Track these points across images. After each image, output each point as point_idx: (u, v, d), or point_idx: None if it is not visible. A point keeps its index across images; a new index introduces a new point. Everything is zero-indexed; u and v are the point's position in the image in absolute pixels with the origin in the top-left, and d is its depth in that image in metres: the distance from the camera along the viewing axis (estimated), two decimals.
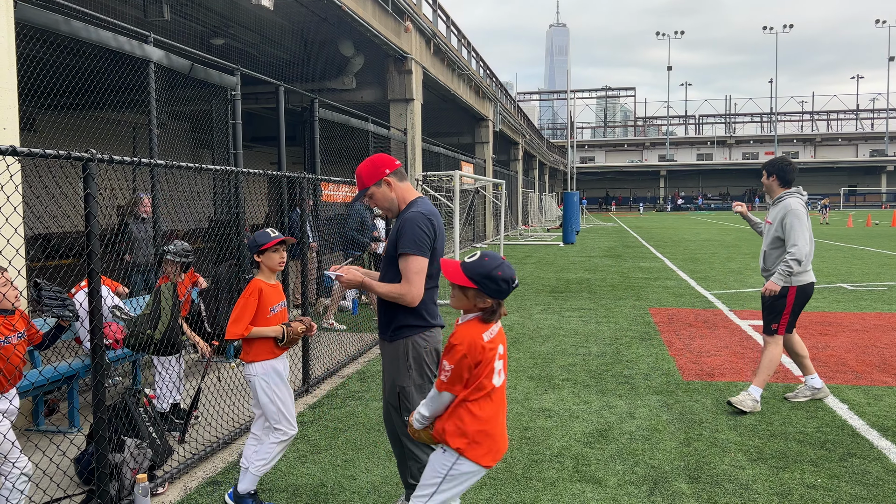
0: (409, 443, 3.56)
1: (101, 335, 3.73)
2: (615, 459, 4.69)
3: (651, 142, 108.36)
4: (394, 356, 3.55)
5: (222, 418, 5.50)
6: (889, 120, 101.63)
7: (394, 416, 3.61)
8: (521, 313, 10.57)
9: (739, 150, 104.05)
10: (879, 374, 6.76)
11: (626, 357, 7.62)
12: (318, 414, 5.80)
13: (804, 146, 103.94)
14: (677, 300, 11.73)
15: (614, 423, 5.43)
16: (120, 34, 7.00)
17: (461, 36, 24.95)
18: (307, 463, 4.73)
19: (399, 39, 16.47)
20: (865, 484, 4.22)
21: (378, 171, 3.59)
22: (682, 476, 4.39)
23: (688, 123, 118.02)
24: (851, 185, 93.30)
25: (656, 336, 8.72)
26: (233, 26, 14.29)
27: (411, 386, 3.51)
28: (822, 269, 16.25)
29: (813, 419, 5.44)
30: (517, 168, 40.30)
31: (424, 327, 3.52)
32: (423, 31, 18.26)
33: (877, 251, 21.22)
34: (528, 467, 4.58)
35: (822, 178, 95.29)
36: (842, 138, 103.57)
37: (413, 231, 3.42)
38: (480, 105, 27.73)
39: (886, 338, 8.38)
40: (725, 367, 7.09)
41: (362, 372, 7.19)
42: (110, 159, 3.79)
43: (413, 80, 17.55)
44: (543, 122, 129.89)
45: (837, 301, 11.33)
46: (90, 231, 3.66)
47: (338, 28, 15.72)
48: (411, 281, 3.42)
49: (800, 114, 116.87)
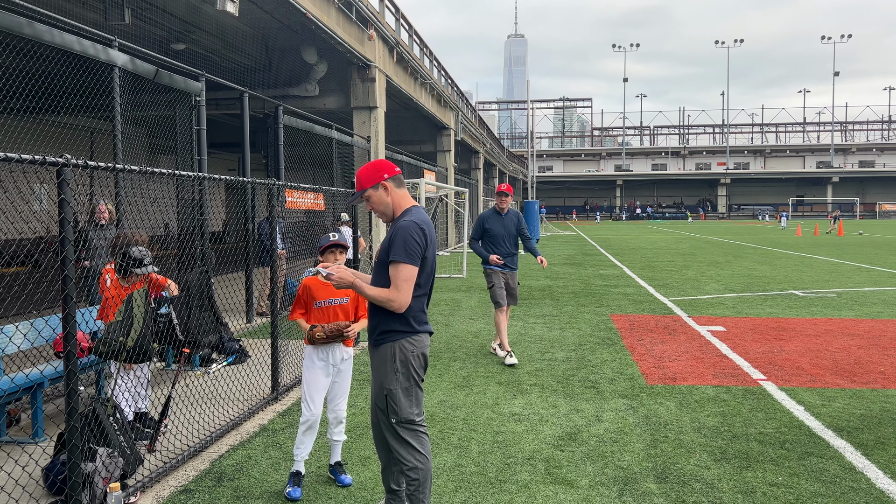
0: (398, 447, 3.59)
1: (74, 342, 3.68)
2: (585, 461, 4.80)
3: (608, 152, 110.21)
4: (381, 360, 3.59)
5: (192, 427, 5.45)
6: (834, 133, 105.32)
7: (381, 419, 3.64)
8: (486, 320, 10.68)
9: (693, 160, 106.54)
10: (832, 376, 7.03)
11: (590, 362, 7.77)
12: (290, 421, 5.79)
13: (754, 157, 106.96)
14: (637, 307, 11.98)
15: (583, 427, 5.55)
16: (84, 38, 6.91)
17: (423, 45, 25.09)
18: (280, 469, 4.73)
19: (363, 47, 16.51)
20: (823, 481, 4.41)
21: (377, 175, 3.64)
22: (651, 476, 4.52)
23: (643, 134, 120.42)
24: (799, 195, 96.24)
25: (619, 342, 8.90)
26: (195, 31, 14.14)
27: (398, 389, 3.56)
28: (775, 276, 16.77)
29: (772, 420, 5.65)
30: (478, 177, 40.58)
31: (411, 332, 3.57)
32: (387, 39, 18.34)
33: (825, 259, 21.97)
34: (500, 470, 4.65)
35: (771, 188, 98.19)
36: (790, 150, 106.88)
37: (405, 239, 3.48)
38: (442, 114, 27.89)
39: (837, 342, 8.71)
40: (687, 372, 7.29)
41: None
42: (85, 165, 3.75)
43: (377, 88, 17.60)
44: (502, 132, 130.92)
45: (790, 307, 11.71)
46: (64, 237, 3.62)
47: (301, 35, 15.69)
48: (400, 288, 3.47)
49: (750, 126, 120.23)
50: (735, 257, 23.15)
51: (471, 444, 5.19)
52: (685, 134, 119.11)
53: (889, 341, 8.76)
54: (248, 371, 7.19)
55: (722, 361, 7.76)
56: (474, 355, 8.21)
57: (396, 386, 3.56)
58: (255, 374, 6.92)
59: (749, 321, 10.37)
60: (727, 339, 9.02)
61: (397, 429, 3.58)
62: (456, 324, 10.41)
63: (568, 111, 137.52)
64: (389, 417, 3.59)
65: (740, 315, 10.96)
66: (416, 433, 3.60)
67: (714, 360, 7.84)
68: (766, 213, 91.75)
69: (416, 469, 3.57)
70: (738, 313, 11.17)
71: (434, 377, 7.18)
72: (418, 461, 3.57)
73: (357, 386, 6.92)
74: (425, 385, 6.86)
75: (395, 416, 3.57)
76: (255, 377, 6.85)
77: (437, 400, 6.34)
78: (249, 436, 5.42)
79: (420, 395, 3.64)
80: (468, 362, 7.84)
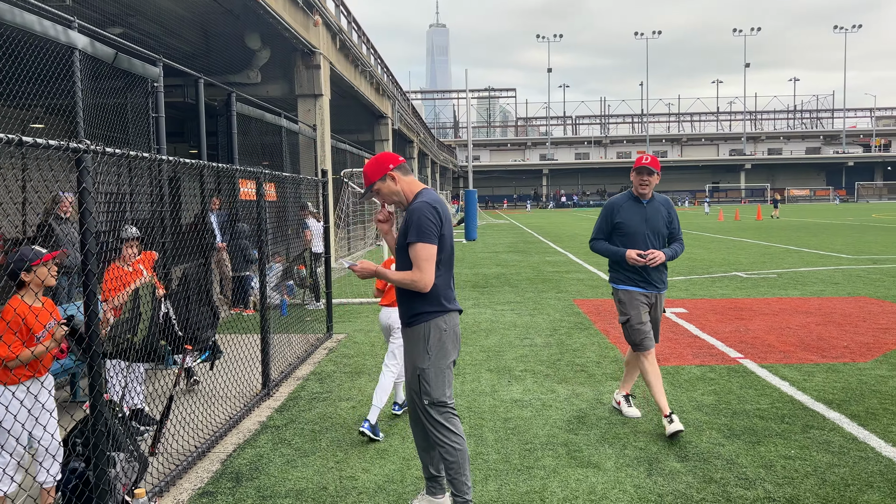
0: (433, 430, 3.56)
1: (98, 340, 3.44)
2: (603, 444, 4.85)
3: (533, 142, 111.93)
4: (414, 340, 3.62)
5: (189, 427, 5.20)
6: (746, 122, 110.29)
7: (415, 401, 3.63)
8: None
9: (614, 149, 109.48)
10: (803, 352, 7.35)
11: (571, 347, 7.87)
12: (289, 417, 5.61)
13: (672, 146, 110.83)
14: (595, 291, 12.21)
15: (587, 410, 5.61)
16: (45, 18, 6.46)
17: (361, 32, 24.73)
18: (298, 466, 4.58)
19: (308, 33, 16.12)
20: (833, 452, 4.60)
21: (382, 168, 3.70)
22: (672, 456, 4.61)
23: (566, 124, 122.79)
24: (715, 181, 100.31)
25: (591, 326, 9.05)
26: (134, 15, 13.46)
27: (430, 368, 3.57)
28: (714, 259, 17.43)
29: (764, 396, 5.86)
30: (413, 166, 40.42)
31: (442, 311, 3.60)
32: (330, 25, 17.97)
33: (754, 242, 22.98)
34: (523, 457, 4.65)
35: (688, 175, 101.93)
36: (705, 138, 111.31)
37: (420, 220, 3.52)
38: (380, 102, 27.61)
39: (795, 320, 9.12)
40: (667, 353, 7.48)
41: (317, 373, 7.01)
42: (103, 151, 3.50)
43: (322, 76, 17.23)
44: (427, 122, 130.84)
45: (739, 288, 12.19)
46: (86, 229, 3.37)
47: (244, 20, 15.17)
48: (422, 268, 3.51)
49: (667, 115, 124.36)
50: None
51: (484, 431, 5.16)
52: (606, 123, 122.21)
53: (841, 317, 9.23)
54: (231, 367, 6.93)
55: (696, 342, 8.00)
56: None
57: (428, 365, 3.58)
58: (239, 371, 6.67)
59: (706, 302, 10.73)
60: (692, 320, 9.31)
61: (430, 410, 3.59)
62: None
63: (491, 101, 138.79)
64: (422, 399, 3.58)
65: (695, 297, 11.33)
66: (448, 415, 3.62)
67: (688, 340, 8.07)
68: (686, 200, 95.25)
69: (452, 451, 3.57)
70: (692, 295, 11.54)
71: None
72: (454, 442, 3.58)
73: (346, 378, 6.78)
74: None
75: (427, 396, 3.58)
76: (240, 373, 6.60)
77: None
78: (252, 434, 5.23)
79: (450, 377, 3.67)
80: None
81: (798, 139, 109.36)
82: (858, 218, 41.06)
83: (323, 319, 9.03)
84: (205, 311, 5.06)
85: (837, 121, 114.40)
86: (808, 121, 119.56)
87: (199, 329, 4.89)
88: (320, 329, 8.81)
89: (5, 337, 3.47)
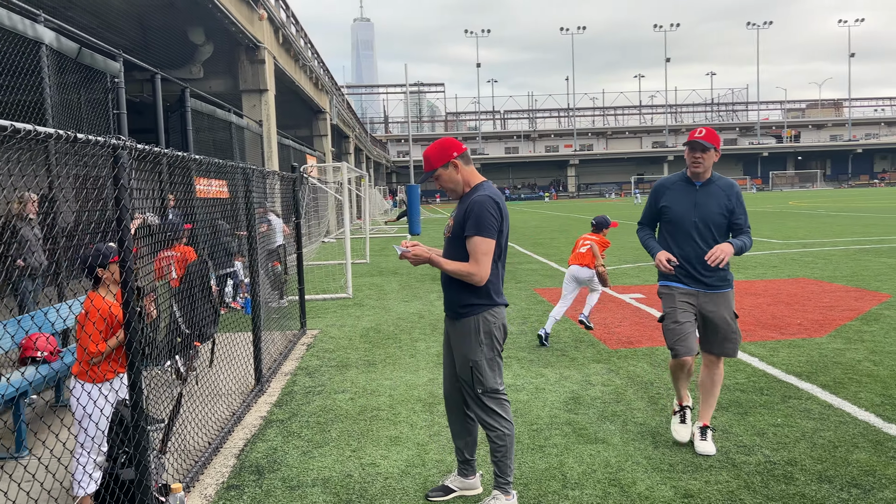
0: (484, 416, 3.68)
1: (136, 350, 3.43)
2: (604, 421, 5.10)
3: (463, 136, 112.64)
4: (465, 333, 3.66)
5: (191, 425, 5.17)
6: (667, 115, 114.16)
7: (467, 391, 3.72)
8: (421, 301, 10.78)
9: (542, 143, 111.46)
10: (763, 331, 7.83)
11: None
12: (290, 411, 5.64)
13: (598, 139, 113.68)
14: (553, 280, 12.56)
15: (580, 391, 5.85)
16: (13, 12, 6.24)
17: (299, 26, 24.44)
18: (315, 457, 4.63)
19: (253, 27, 15.88)
20: (814, 418, 4.98)
21: (446, 154, 3.70)
22: (671, 430, 4.89)
23: (495, 119, 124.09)
24: (639, 173, 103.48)
25: None
26: (72, 8, 12.96)
27: (483, 360, 3.65)
28: None
29: (739, 372, 6.24)
30: (350, 161, 40.16)
31: (492, 305, 3.67)
32: (273, 19, 17.73)
33: None
34: (533, 437, 4.84)
35: (615, 167, 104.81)
36: (629, 131, 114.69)
37: (481, 214, 3.56)
38: (319, 97, 27.35)
39: (746, 301, 9.67)
40: (639, 335, 7.83)
41: (303, 368, 7.03)
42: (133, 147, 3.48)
43: (266, 70, 17.00)
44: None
45: None
46: (124, 226, 3.35)
47: (188, 14, 14.81)
48: (480, 262, 3.56)
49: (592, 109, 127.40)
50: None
51: None
52: (534, 118, 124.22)
53: (788, 297, 9.84)
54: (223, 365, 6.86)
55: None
56: (430, 334, 8.32)
57: (481, 357, 3.66)
58: (231, 368, 6.62)
59: None
60: (652, 304, 9.73)
61: (483, 398, 3.68)
62: (393, 307, 10.44)
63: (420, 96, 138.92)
64: (475, 388, 3.67)
65: (648, 283, 11.81)
66: (500, 401, 3.72)
67: (654, 323, 8.45)
68: (612, 192, 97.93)
69: (503, 435, 3.69)
70: (645, 281, 12.03)
71: (407, 357, 7.23)
72: (505, 427, 3.70)
73: (336, 372, 6.83)
74: (407, 367, 6.90)
75: (480, 386, 3.67)
76: (232, 370, 6.55)
77: (426, 378, 6.41)
78: (258, 429, 5.24)
79: (501, 364, 3.76)
80: (431, 341, 7.94)
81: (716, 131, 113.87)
82: (777, 206, 43.26)
83: (291, 317, 9.01)
84: (207, 308, 5.03)
85: (752, 113, 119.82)
86: (724, 113, 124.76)
87: (205, 325, 4.87)
88: (294, 326, 8.79)
89: (92, 334, 3.43)
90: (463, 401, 3.87)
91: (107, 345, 3.49)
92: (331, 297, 11.53)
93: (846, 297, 9.72)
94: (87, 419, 3.49)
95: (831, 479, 4.00)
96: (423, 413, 5.44)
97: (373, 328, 8.89)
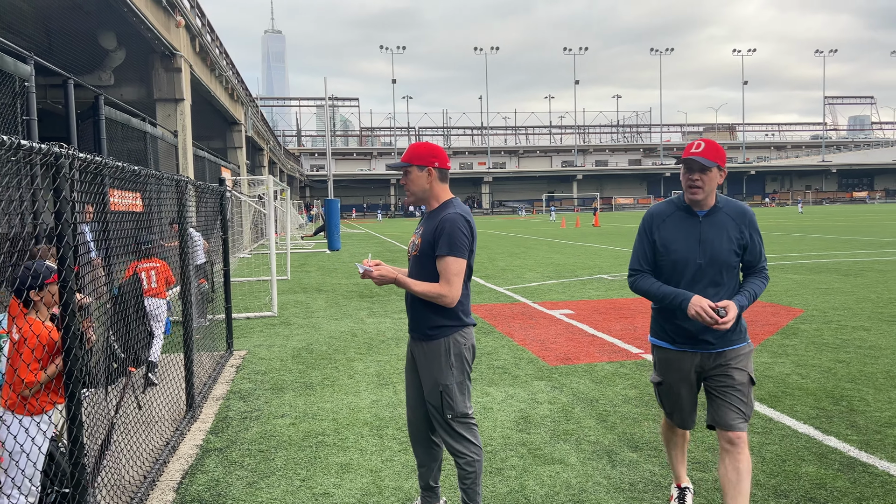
0: (453, 442, 3.53)
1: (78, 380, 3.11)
2: (558, 441, 5.05)
3: (378, 151, 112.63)
4: (434, 355, 3.52)
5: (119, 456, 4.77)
6: (576, 135, 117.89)
7: (435, 416, 3.56)
8: (351, 319, 10.52)
9: (456, 160, 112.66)
10: None
11: (484, 350, 8.05)
12: (228, 439, 5.30)
13: (510, 157, 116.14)
14: (482, 297, 12.56)
15: (528, 410, 5.80)
16: None
17: (214, 34, 23.72)
18: (263, 488, 4.36)
19: (170, 34, 15.24)
20: (759, 433, 5.09)
21: (428, 158, 3.58)
22: (625, 447, 4.89)
23: (410, 135, 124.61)
24: (550, 191, 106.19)
25: (494, 330, 9.32)
26: None
27: (454, 384, 3.51)
28: (575, 263, 18.48)
29: None
30: (263, 174, 39.20)
31: (462, 326, 3.55)
32: (191, 27, 17.10)
33: (602, 247, 24.63)
34: (489, 459, 4.73)
35: (526, 185, 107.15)
36: (540, 150, 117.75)
37: (454, 233, 3.44)
38: (234, 108, 26.58)
39: None
40: (575, 352, 7.88)
41: (235, 392, 6.67)
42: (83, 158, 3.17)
43: (183, 79, 16.34)
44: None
45: (610, 289, 13.06)
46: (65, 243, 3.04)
47: (98, 18, 14.07)
48: (451, 282, 3.43)
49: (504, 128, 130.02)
50: (527, 248, 25.05)
51: None
52: (448, 135, 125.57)
53: None
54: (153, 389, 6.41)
55: (595, 340, 8.49)
56: (366, 353, 8.10)
57: (452, 381, 3.53)
58: (162, 392, 6.18)
59: (588, 304, 11.39)
60: (583, 320, 9.86)
61: (453, 424, 3.55)
62: (323, 325, 10.13)
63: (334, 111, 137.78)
64: (445, 413, 3.53)
65: (574, 299, 11.99)
66: (469, 426, 3.59)
67: (587, 339, 8.55)
68: (523, 209, 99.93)
69: (472, 461, 3.56)
70: (570, 297, 12.21)
71: (345, 378, 6.99)
72: (474, 453, 3.57)
73: (271, 395, 6.51)
74: (347, 389, 6.67)
75: (451, 411, 3.53)
76: (164, 395, 6.12)
77: (369, 400, 6.20)
78: (195, 458, 4.89)
79: (470, 387, 3.63)
80: (369, 360, 7.72)
81: (622, 152, 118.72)
82: None
83: (216, 336, 8.57)
84: (141, 329, 4.67)
85: (655, 135, 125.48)
86: (629, 135, 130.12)
87: (140, 349, 4.51)
88: (220, 346, 8.36)
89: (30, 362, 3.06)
90: (429, 427, 3.72)
91: (44, 374, 3.14)
92: (255, 315, 11.09)
93: (763, 312, 10.16)
94: (21, 455, 3.12)
95: (786, 493, 4.08)
96: (371, 437, 5.23)
97: (304, 348, 8.58)
